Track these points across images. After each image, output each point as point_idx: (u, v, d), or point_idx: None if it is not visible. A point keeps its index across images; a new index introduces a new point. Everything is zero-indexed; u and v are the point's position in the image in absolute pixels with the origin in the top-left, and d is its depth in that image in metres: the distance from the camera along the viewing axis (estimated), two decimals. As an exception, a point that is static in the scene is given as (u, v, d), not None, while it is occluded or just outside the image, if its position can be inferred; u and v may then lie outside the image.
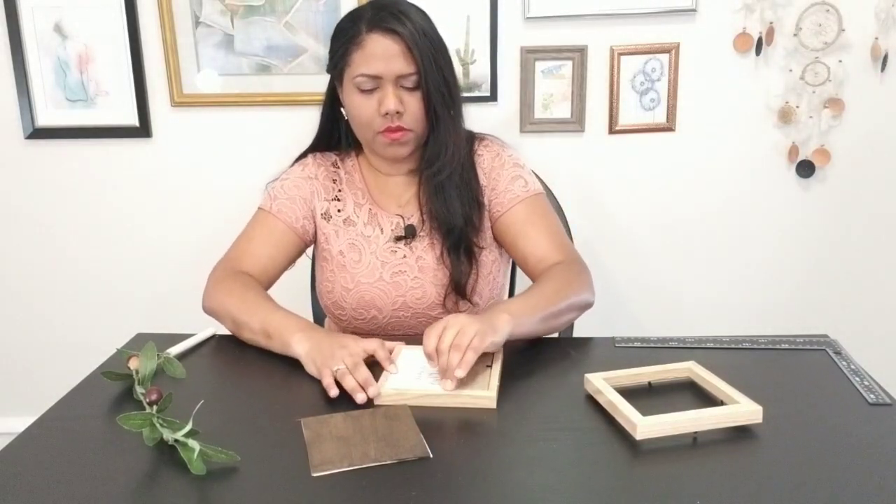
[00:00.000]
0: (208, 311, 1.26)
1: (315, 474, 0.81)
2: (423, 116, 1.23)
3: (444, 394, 0.97)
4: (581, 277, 1.23)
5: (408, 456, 0.84)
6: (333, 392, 0.99)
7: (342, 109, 1.30)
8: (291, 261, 1.35)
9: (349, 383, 0.99)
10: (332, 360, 1.03)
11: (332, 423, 0.91)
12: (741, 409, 0.89)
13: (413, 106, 1.21)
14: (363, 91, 1.21)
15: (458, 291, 1.27)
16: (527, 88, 1.83)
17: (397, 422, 0.92)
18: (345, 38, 1.22)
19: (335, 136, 1.38)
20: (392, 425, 0.91)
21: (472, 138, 1.35)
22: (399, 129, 1.22)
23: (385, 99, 1.19)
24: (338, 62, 1.24)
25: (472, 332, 1.00)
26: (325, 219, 1.32)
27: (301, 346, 1.09)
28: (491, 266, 1.32)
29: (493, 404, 0.96)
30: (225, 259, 1.32)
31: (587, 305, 1.24)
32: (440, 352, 1.00)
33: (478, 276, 1.29)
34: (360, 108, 1.22)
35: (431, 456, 0.85)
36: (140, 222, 1.98)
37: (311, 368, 1.06)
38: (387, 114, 1.20)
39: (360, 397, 0.97)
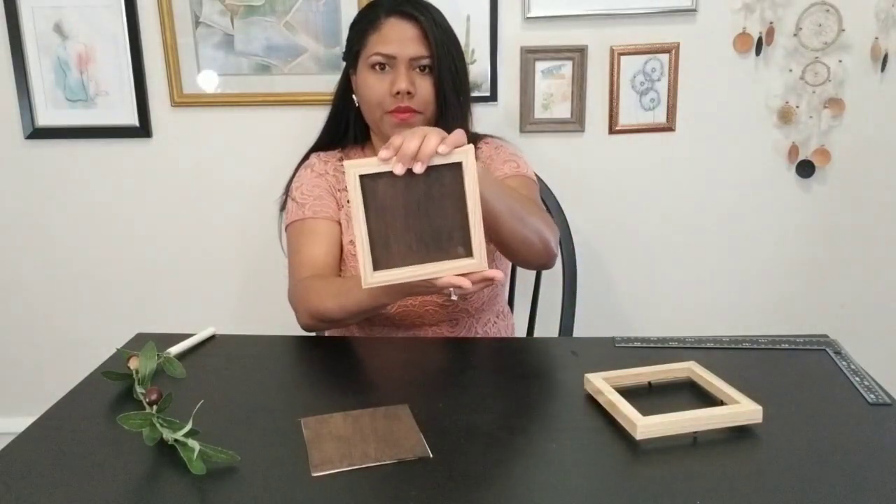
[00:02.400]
0: (313, 325, 1.22)
1: (315, 474, 0.82)
2: (432, 100, 1.28)
3: (430, 269, 0.92)
4: (551, 224, 1.22)
5: (408, 456, 0.85)
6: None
7: (354, 97, 1.34)
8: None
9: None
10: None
11: (332, 422, 0.91)
12: (741, 409, 0.89)
13: (424, 89, 1.26)
14: (377, 71, 1.26)
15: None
16: (527, 88, 1.83)
17: (397, 422, 0.92)
18: (362, 24, 1.29)
19: (342, 128, 1.40)
20: (392, 425, 0.91)
21: (475, 138, 1.37)
22: (408, 109, 1.26)
23: (397, 79, 1.24)
24: (354, 45, 1.30)
25: (439, 136, 0.90)
26: (339, 208, 1.35)
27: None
28: (493, 253, 1.33)
29: (483, 265, 0.92)
30: (290, 281, 1.30)
31: (547, 246, 1.19)
32: (409, 136, 0.89)
33: None
34: (372, 88, 1.27)
35: (431, 456, 0.85)
36: (140, 222, 1.98)
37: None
38: (398, 93, 1.24)
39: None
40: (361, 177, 0.90)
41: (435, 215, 0.91)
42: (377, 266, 0.92)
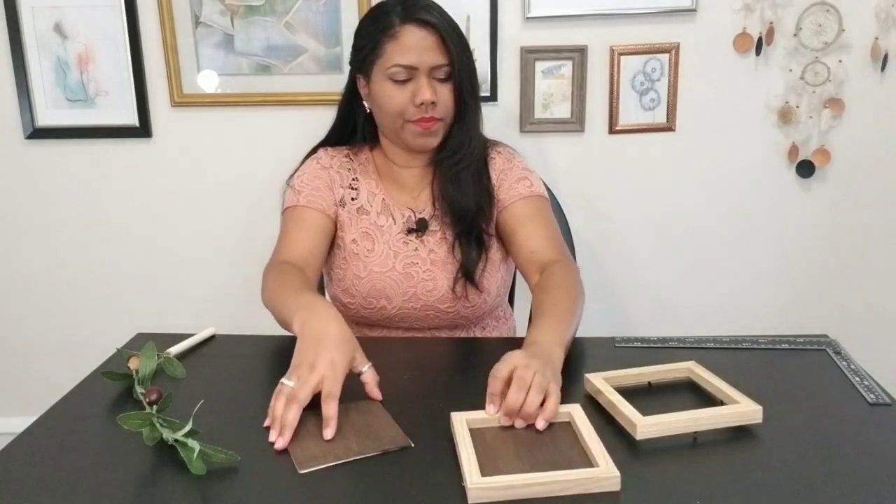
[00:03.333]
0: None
1: (302, 471, 0.82)
2: (452, 106, 1.28)
3: (557, 482, 0.78)
4: (581, 285, 1.23)
5: (390, 447, 0.85)
6: (266, 423, 0.92)
7: (364, 102, 1.33)
8: (330, 244, 1.34)
9: (276, 409, 0.90)
10: (292, 370, 0.94)
11: (310, 421, 0.91)
12: (741, 409, 0.89)
13: (445, 96, 1.26)
14: (396, 81, 1.24)
15: (468, 278, 1.29)
16: (527, 88, 1.83)
17: (372, 416, 0.93)
18: (376, 30, 1.25)
19: (348, 129, 1.40)
20: (368, 419, 0.92)
21: (485, 142, 1.38)
22: (432, 118, 1.26)
23: (420, 89, 1.23)
24: (368, 54, 1.26)
25: (540, 395, 0.90)
26: (340, 206, 1.34)
27: (296, 326, 1.01)
28: (500, 263, 1.34)
29: (618, 485, 0.78)
30: (270, 259, 1.30)
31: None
32: (525, 407, 0.90)
33: (486, 264, 1.31)
34: (392, 99, 1.25)
35: (413, 445, 0.86)
36: (140, 222, 1.98)
37: None
38: (422, 104, 1.24)
39: (270, 436, 0.89)
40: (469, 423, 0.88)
41: (549, 452, 0.84)
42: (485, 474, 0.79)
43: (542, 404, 0.90)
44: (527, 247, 1.28)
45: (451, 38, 1.23)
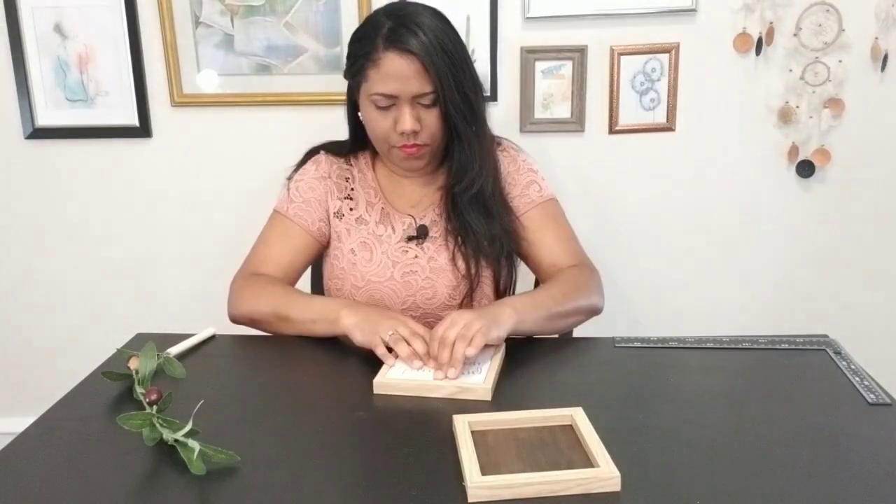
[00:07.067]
0: (239, 319, 1.26)
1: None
2: (440, 131, 1.23)
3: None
4: (590, 283, 1.27)
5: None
6: (390, 361, 1.06)
7: (359, 114, 1.29)
8: (309, 262, 1.37)
9: (403, 350, 1.05)
10: (381, 326, 1.09)
11: None
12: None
13: (430, 122, 1.21)
14: (379, 108, 1.20)
15: (473, 292, 1.29)
16: (527, 88, 1.83)
17: None
18: (361, 52, 1.20)
19: (361, 136, 1.34)
20: None
21: (491, 142, 1.34)
22: (415, 145, 1.22)
23: (401, 118, 1.19)
24: (355, 74, 1.23)
25: (476, 327, 1.04)
26: (337, 217, 1.33)
27: (349, 319, 1.13)
28: (504, 269, 1.33)
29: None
30: (245, 266, 1.33)
31: (595, 310, 1.27)
32: (443, 342, 1.03)
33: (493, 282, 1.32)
34: (376, 123, 1.23)
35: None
36: (140, 222, 1.98)
37: (358, 338, 1.10)
38: (403, 133, 1.20)
39: (435, 368, 1.03)
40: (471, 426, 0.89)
41: (550, 454, 0.84)
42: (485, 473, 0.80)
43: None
44: (547, 261, 1.30)
45: (436, 64, 1.15)
